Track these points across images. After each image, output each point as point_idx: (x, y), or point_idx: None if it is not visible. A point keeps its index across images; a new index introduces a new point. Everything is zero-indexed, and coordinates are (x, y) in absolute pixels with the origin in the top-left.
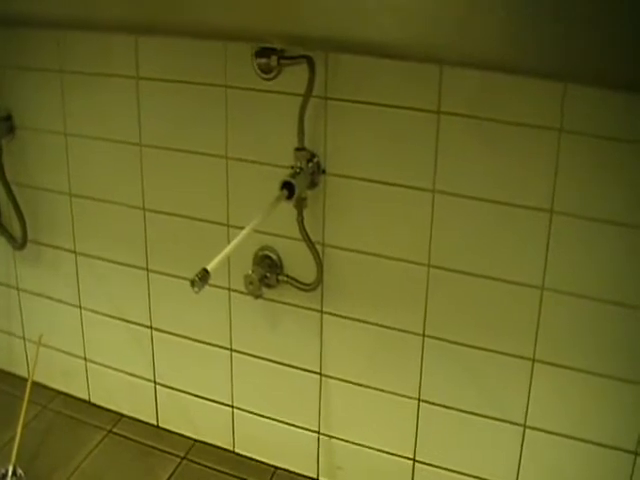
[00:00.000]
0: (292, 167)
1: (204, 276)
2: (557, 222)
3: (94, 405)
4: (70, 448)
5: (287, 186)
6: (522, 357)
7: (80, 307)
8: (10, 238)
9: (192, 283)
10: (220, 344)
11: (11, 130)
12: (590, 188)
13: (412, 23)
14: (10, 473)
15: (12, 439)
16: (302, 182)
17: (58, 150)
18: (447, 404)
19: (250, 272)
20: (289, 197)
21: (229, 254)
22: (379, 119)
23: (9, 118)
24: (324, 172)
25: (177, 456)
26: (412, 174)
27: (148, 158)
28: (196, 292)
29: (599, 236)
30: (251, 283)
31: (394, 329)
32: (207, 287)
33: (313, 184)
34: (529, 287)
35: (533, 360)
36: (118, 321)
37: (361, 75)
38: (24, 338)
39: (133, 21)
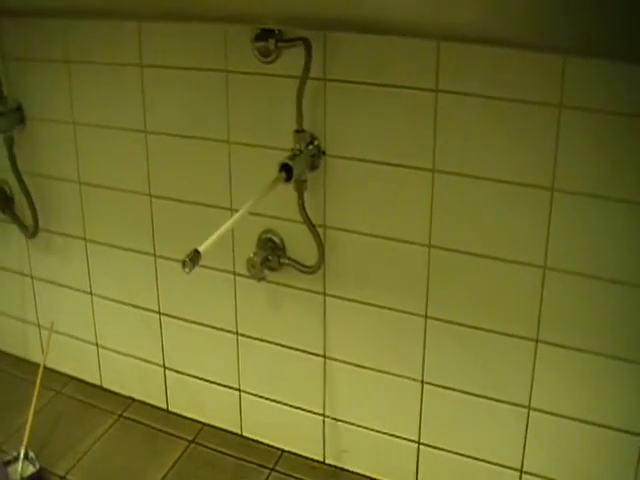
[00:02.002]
0: (292, 149)
1: (195, 257)
2: (558, 200)
3: (106, 390)
4: (81, 432)
5: (285, 168)
6: (525, 338)
7: (91, 293)
8: (22, 226)
9: (183, 264)
10: (226, 328)
11: (22, 121)
12: (591, 165)
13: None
14: (22, 456)
15: (25, 423)
16: (301, 164)
17: (67, 139)
18: (451, 386)
19: (252, 255)
20: (287, 179)
21: (222, 235)
22: (378, 99)
23: (19, 109)
24: (324, 154)
25: (185, 440)
26: (412, 154)
27: (153, 145)
28: (187, 273)
29: (602, 213)
30: (253, 266)
31: (396, 310)
32: (212, 271)
33: (313, 166)
34: (531, 266)
35: (537, 341)
36: (128, 307)
37: (359, 56)
38: (38, 325)
39: (132, 6)
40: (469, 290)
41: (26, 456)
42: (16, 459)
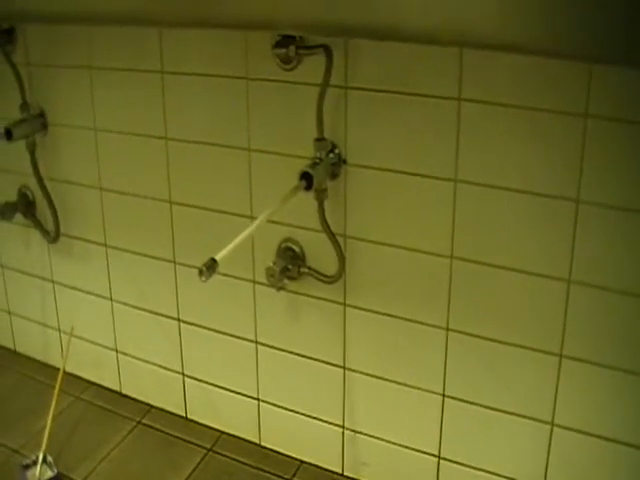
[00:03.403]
0: (312, 158)
1: (212, 265)
2: (584, 211)
3: (124, 396)
4: (100, 438)
5: (305, 177)
6: (549, 352)
7: (111, 299)
8: (44, 231)
9: (200, 272)
10: (245, 336)
11: (44, 127)
12: (618, 176)
13: (425, 7)
14: (40, 460)
15: (44, 427)
16: (322, 173)
17: (88, 145)
18: (472, 400)
19: (271, 264)
20: (307, 188)
21: (239, 243)
22: (399, 108)
23: (42, 115)
24: (345, 162)
25: (203, 448)
26: (434, 163)
27: (174, 151)
28: (203, 281)
29: (628, 226)
30: (272, 275)
31: (418, 322)
32: (231, 279)
33: (334, 175)
34: (556, 280)
35: (560, 356)
36: (147, 313)
37: (381, 63)
38: (58, 329)
39: (153, 13)
40: (492, 303)
41: (44, 460)
42: (34, 463)
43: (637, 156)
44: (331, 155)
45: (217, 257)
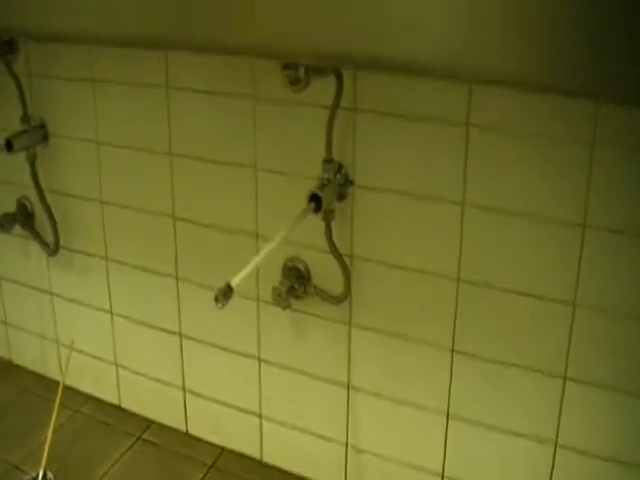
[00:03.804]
0: (320, 179)
1: (227, 292)
2: (590, 236)
3: (124, 410)
4: (100, 453)
5: (314, 199)
6: (554, 374)
7: (111, 313)
8: (43, 244)
9: (215, 299)
10: (249, 353)
11: (45, 138)
12: (624, 202)
13: (436, 43)
14: (41, 476)
15: (43, 442)
16: (330, 194)
17: (90, 158)
18: (476, 419)
19: (278, 284)
20: (316, 210)
21: (253, 269)
22: (408, 131)
23: (43, 126)
24: (352, 183)
25: (205, 464)
26: (441, 187)
27: (178, 167)
28: (219, 308)
29: (634, 251)
30: (279, 295)
31: (423, 343)
32: (236, 297)
33: (341, 196)
34: (561, 303)
35: (565, 377)
36: (148, 328)
37: (390, 86)
38: (57, 342)
39: (157, 37)
40: (497, 324)
41: (45, 477)
42: (34, 479)
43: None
44: (338, 176)
45: (233, 283)
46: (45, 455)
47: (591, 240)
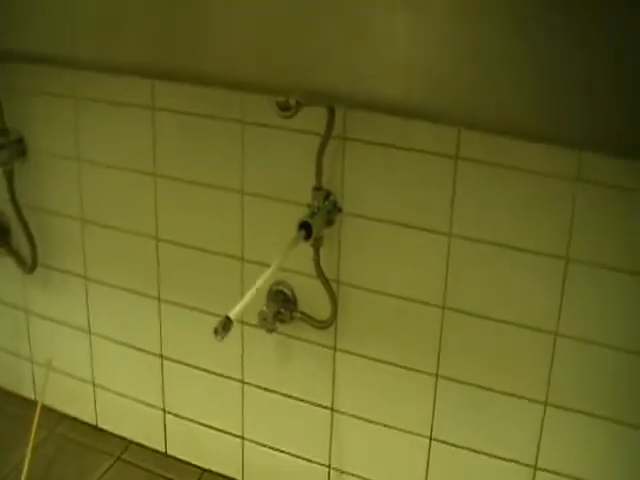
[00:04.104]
0: (309, 206)
1: (227, 324)
2: (572, 269)
3: (102, 430)
4: (78, 475)
5: (305, 226)
6: (535, 400)
7: (89, 332)
8: (20, 261)
9: (215, 331)
10: (232, 376)
11: (23, 153)
12: (607, 237)
13: (425, 86)
14: None
15: (20, 463)
16: (320, 222)
17: (71, 175)
18: (458, 443)
19: (264, 308)
20: (307, 237)
21: (250, 300)
22: (397, 161)
23: (21, 141)
24: (340, 210)
25: None
26: (429, 217)
27: (162, 188)
28: (219, 340)
29: (615, 284)
30: (265, 319)
31: (407, 368)
32: (218, 318)
33: (329, 222)
34: (543, 332)
35: (545, 403)
36: (128, 348)
37: (379, 118)
38: (32, 361)
39: (139, 63)
40: (481, 351)
41: None
42: None
43: (626, 219)
44: (326, 203)
45: (231, 315)
46: (24, 478)
47: (574, 273)
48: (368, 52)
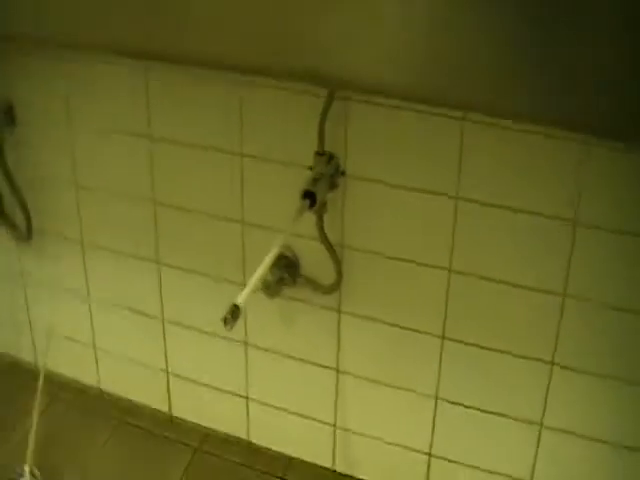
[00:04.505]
0: (311, 169)
1: (235, 312)
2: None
3: (105, 393)
4: (82, 440)
5: (308, 195)
6: (541, 360)
7: (89, 297)
8: (14, 230)
9: (224, 321)
10: (233, 337)
11: (12, 122)
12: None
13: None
14: (28, 473)
15: (26, 430)
16: (323, 188)
17: (62, 141)
18: (464, 402)
19: (267, 276)
20: (311, 206)
21: (257, 282)
22: (402, 123)
23: (10, 109)
24: (344, 174)
25: (191, 447)
26: (435, 180)
27: (158, 150)
28: (228, 330)
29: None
30: (268, 287)
31: (413, 330)
32: (219, 285)
33: (333, 186)
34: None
35: (552, 363)
36: (128, 311)
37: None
38: (30, 326)
39: (133, 45)
40: (487, 313)
41: (31, 473)
42: (21, 476)
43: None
44: (329, 166)
45: (239, 301)
46: (30, 449)
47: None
48: (361, 35)
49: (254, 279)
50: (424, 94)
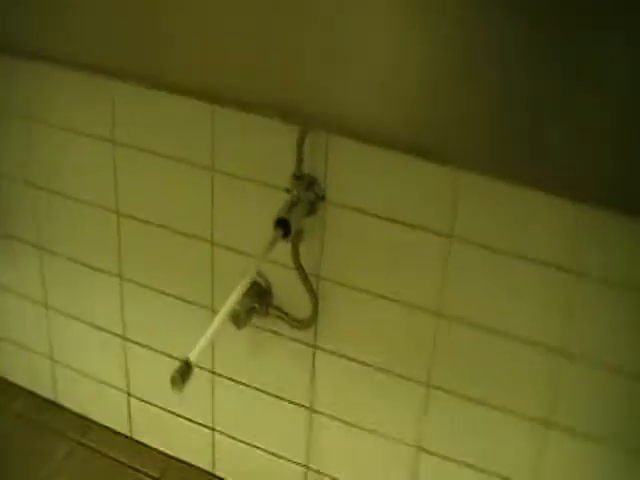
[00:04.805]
0: (288, 191)
1: (185, 371)
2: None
3: (61, 407)
4: (36, 459)
5: (282, 224)
6: (534, 418)
7: (46, 306)
8: None
9: (172, 381)
10: (200, 364)
11: None
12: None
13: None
14: None
15: None
16: (299, 214)
17: (21, 137)
18: (449, 455)
19: (236, 306)
20: (285, 236)
21: (214, 336)
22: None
23: None
24: (324, 198)
25: (151, 476)
26: (425, 213)
27: (122, 156)
28: (177, 393)
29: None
30: (237, 317)
31: (396, 375)
32: (186, 306)
33: (311, 211)
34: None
35: (546, 422)
36: (87, 325)
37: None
38: None
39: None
40: (480, 363)
41: None
42: None
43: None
44: (308, 192)
45: (191, 356)
46: None
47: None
48: (343, 73)
49: (210, 331)
50: (413, 146)
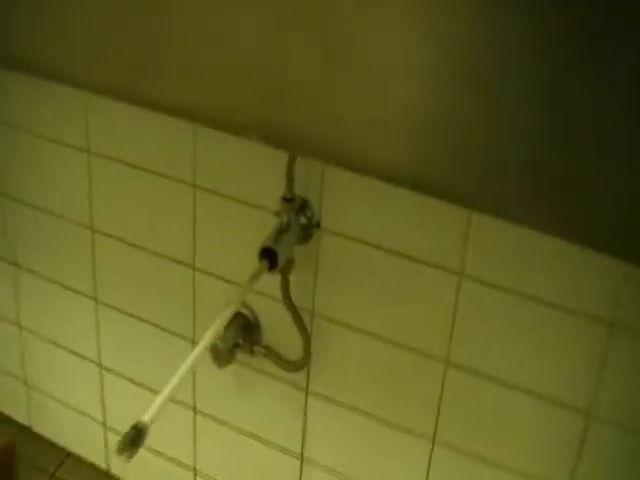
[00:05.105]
0: (277, 214)
1: (136, 437)
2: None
3: (36, 435)
4: None
5: (268, 254)
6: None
7: (20, 326)
8: None
9: (119, 449)
10: (182, 400)
11: None
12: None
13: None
14: None
15: None
16: (289, 242)
17: None
18: None
19: (217, 341)
20: (272, 267)
21: (171, 395)
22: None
23: None
24: (318, 226)
25: None
26: (434, 248)
27: (96, 167)
28: (125, 461)
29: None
30: (218, 355)
31: (397, 427)
32: (165, 335)
33: (304, 239)
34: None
35: None
36: (61, 350)
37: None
38: None
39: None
40: (492, 420)
41: None
42: None
43: None
44: (300, 217)
45: (145, 420)
46: None
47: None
48: (354, 103)
49: (166, 391)
50: (416, 182)
